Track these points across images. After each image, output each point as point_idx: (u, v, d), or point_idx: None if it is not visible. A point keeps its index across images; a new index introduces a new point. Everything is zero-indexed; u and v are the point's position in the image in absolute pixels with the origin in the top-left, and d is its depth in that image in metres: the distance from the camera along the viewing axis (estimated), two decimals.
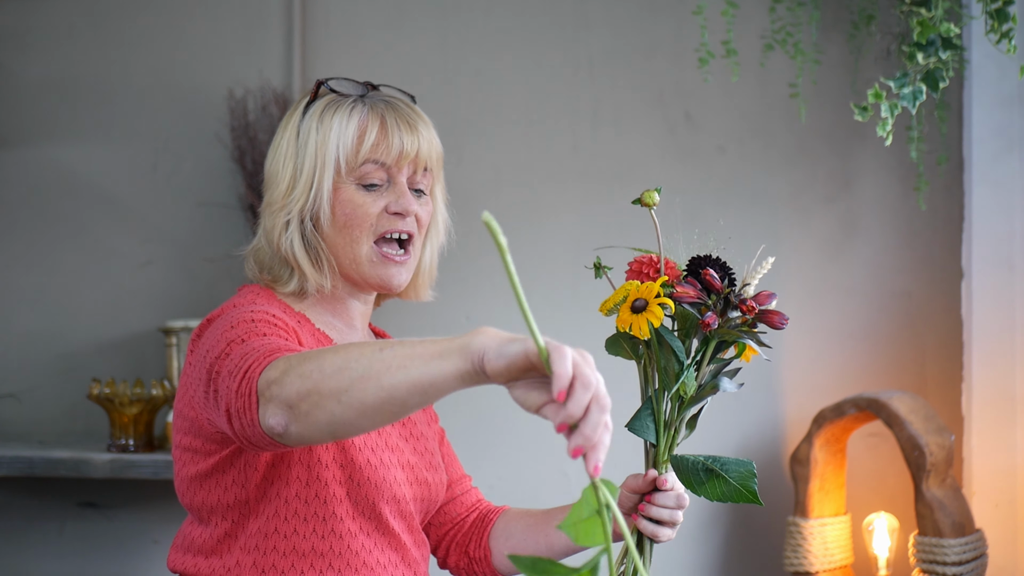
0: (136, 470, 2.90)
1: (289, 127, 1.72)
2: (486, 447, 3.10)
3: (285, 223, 1.68)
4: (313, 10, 3.22)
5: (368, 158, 1.68)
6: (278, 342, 1.47)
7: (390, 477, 1.66)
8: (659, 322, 1.53)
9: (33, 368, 3.24)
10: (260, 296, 1.69)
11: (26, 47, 3.27)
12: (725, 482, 1.58)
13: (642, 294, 1.55)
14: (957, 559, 2.73)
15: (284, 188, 1.69)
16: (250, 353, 1.44)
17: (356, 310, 1.75)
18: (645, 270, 1.61)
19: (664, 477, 1.61)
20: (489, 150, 3.18)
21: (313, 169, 1.67)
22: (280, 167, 1.70)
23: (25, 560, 3.22)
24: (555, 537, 1.80)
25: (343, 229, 1.68)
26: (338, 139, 1.67)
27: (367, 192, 1.68)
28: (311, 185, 1.67)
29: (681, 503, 1.62)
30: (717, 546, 3.12)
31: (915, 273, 3.07)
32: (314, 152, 1.67)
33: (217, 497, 1.63)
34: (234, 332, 1.52)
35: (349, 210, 1.68)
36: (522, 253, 3.17)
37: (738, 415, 3.10)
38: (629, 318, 1.55)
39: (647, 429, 1.59)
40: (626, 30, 3.15)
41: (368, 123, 1.68)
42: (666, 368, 1.57)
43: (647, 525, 1.62)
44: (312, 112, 1.70)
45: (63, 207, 3.26)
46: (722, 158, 3.13)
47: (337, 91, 1.71)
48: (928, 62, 2.38)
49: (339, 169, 1.67)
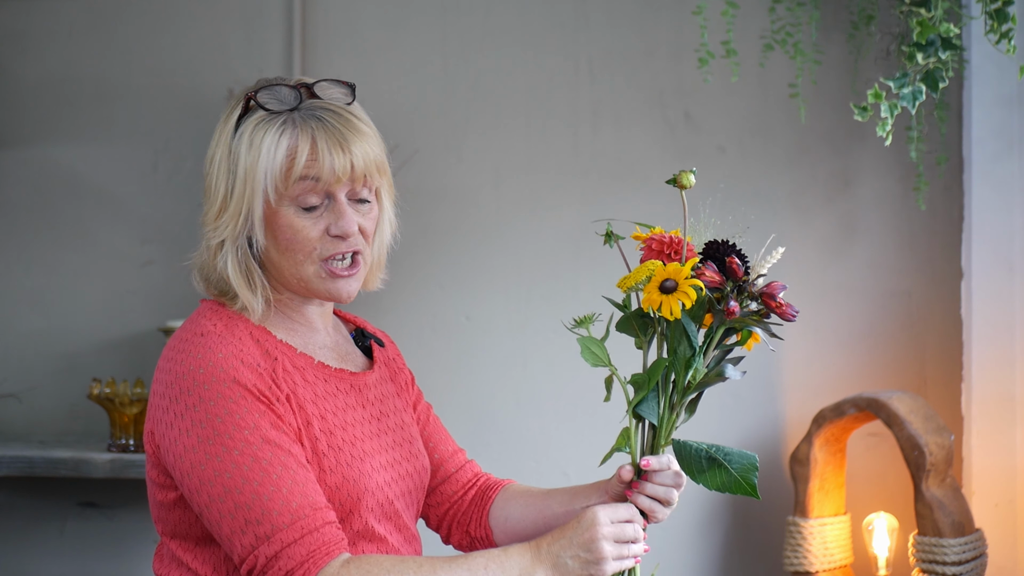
0: (136, 470, 2.90)
1: (222, 141, 1.66)
2: (486, 447, 3.10)
3: (219, 243, 1.64)
4: (313, 10, 3.22)
5: (300, 180, 1.61)
6: (301, 508, 1.53)
7: (372, 485, 1.66)
8: (690, 304, 1.51)
9: (33, 368, 3.24)
10: (221, 322, 1.64)
11: (26, 47, 3.27)
12: (726, 472, 1.58)
13: (671, 275, 1.53)
14: (957, 559, 2.73)
15: (216, 208, 1.64)
16: (286, 536, 1.52)
17: (314, 313, 1.74)
18: (666, 250, 1.59)
19: (648, 460, 1.62)
20: (489, 150, 3.19)
21: (243, 194, 1.62)
22: (213, 183, 1.65)
23: (25, 560, 3.22)
24: (552, 518, 1.80)
25: (286, 252, 1.64)
26: (267, 165, 1.61)
27: (306, 215, 1.63)
28: (241, 210, 1.62)
29: (678, 482, 1.64)
30: (717, 546, 3.12)
31: (915, 273, 3.07)
32: (244, 177, 1.62)
33: (189, 524, 1.63)
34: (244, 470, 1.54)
35: (289, 235, 1.63)
36: (522, 253, 3.17)
37: (738, 415, 3.10)
38: (658, 298, 1.52)
39: (652, 411, 1.59)
40: (626, 30, 3.15)
41: (298, 146, 1.61)
42: (677, 351, 1.56)
43: (644, 500, 1.64)
44: (243, 130, 1.64)
45: (63, 207, 3.26)
46: (722, 158, 3.13)
47: (265, 107, 1.64)
48: (928, 62, 2.38)
49: (268, 197, 1.62)
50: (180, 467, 1.57)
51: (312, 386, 1.66)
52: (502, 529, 1.85)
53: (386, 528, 1.69)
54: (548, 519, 1.80)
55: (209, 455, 1.55)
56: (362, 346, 1.82)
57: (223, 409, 1.56)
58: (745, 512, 3.11)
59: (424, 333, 3.18)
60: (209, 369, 1.57)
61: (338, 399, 1.69)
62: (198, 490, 1.56)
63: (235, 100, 1.68)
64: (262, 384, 1.59)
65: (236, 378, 1.57)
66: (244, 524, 1.53)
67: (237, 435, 1.55)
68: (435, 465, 1.88)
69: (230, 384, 1.57)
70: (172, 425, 1.58)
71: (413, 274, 3.16)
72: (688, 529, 3.10)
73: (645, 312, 1.57)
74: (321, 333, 1.75)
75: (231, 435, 1.55)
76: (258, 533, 1.52)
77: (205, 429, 1.56)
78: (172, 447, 1.58)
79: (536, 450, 3.14)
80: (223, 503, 1.54)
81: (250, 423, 1.56)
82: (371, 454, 1.68)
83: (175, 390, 1.58)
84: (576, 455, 3.11)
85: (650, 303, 1.53)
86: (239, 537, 1.53)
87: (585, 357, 1.59)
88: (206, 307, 1.69)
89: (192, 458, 1.56)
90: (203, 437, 1.55)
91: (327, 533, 1.54)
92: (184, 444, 1.57)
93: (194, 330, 1.63)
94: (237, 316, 1.67)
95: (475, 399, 3.13)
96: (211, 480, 1.55)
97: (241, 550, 1.54)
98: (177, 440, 1.57)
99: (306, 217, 1.63)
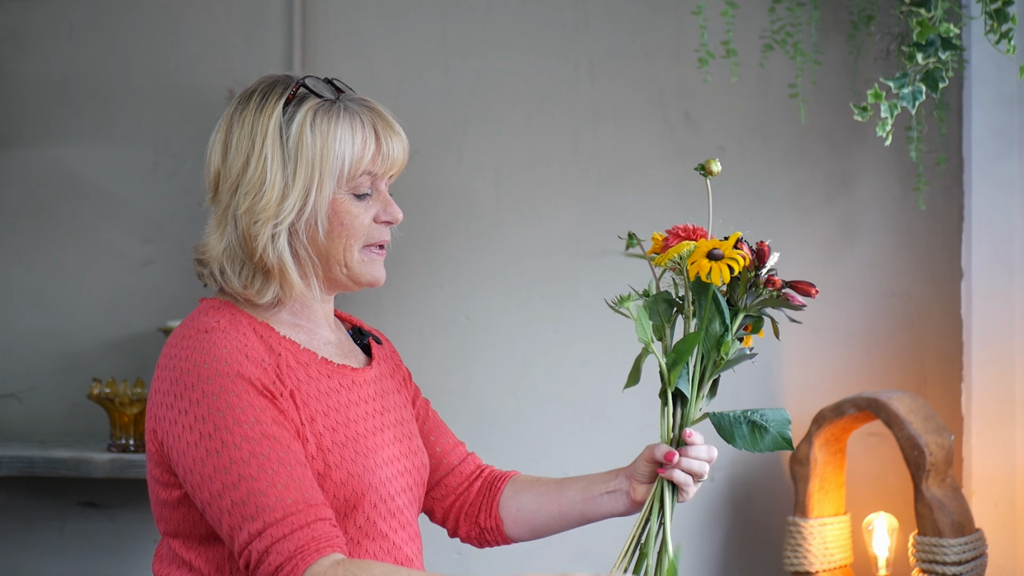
0: (136, 470, 2.90)
1: (266, 128, 1.64)
2: (486, 447, 3.10)
3: (273, 234, 1.63)
4: (313, 10, 3.22)
5: (366, 169, 1.66)
6: (295, 503, 1.53)
7: (376, 481, 1.66)
8: (739, 268, 1.58)
9: (33, 368, 3.25)
10: (224, 318, 1.64)
11: (26, 47, 3.27)
12: (765, 431, 1.65)
13: (717, 245, 1.60)
14: (957, 559, 2.74)
15: (275, 196, 1.62)
16: (276, 531, 1.52)
17: (321, 310, 1.74)
18: (692, 237, 1.65)
19: (690, 430, 1.67)
20: (489, 150, 3.19)
21: (311, 178, 1.62)
22: (265, 172, 1.62)
23: (25, 560, 3.22)
24: (568, 506, 1.81)
25: (336, 238, 1.66)
26: (343, 149, 1.63)
27: (359, 202, 1.67)
28: (307, 195, 1.63)
29: (712, 455, 1.70)
30: (717, 546, 3.12)
31: (915, 273, 3.07)
32: (311, 160, 1.62)
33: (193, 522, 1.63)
34: (241, 466, 1.54)
35: (346, 221, 1.66)
36: (522, 253, 3.17)
37: None
38: (708, 264, 1.58)
39: (686, 386, 1.65)
40: (626, 30, 3.15)
41: (366, 133, 1.66)
42: (708, 329, 1.62)
43: (680, 474, 1.67)
44: (300, 115, 1.63)
45: (63, 207, 3.26)
46: (722, 158, 3.13)
47: (321, 95, 1.66)
48: (928, 62, 2.38)
49: (340, 181, 1.64)
50: (183, 464, 1.58)
51: (315, 382, 1.67)
52: (514, 519, 1.85)
53: (389, 525, 1.69)
54: (564, 507, 1.81)
55: (209, 451, 1.55)
56: (361, 343, 1.83)
57: (225, 403, 1.56)
58: (745, 512, 3.11)
59: (424, 333, 3.18)
60: (213, 364, 1.58)
61: (341, 395, 1.69)
62: (200, 487, 1.56)
63: (263, 88, 1.67)
64: (266, 379, 1.59)
65: (240, 372, 1.58)
66: (240, 520, 1.53)
67: (237, 429, 1.55)
68: (437, 459, 1.88)
69: (233, 378, 1.57)
70: (175, 422, 1.58)
71: (413, 274, 3.16)
72: (688, 529, 3.10)
73: (668, 298, 1.64)
74: (324, 330, 1.75)
75: (231, 429, 1.55)
76: (252, 529, 1.53)
77: (206, 424, 1.56)
78: (175, 444, 1.58)
79: (536, 450, 3.14)
80: (222, 500, 1.54)
81: (251, 417, 1.56)
82: (375, 449, 1.69)
83: (179, 387, 1.58)
84: (576, 455, 3.11)
85: (699, 269, 1.59)
86: (237, 533, 1.54)
87: (639, 333, 1.64)
88: (207, 305, 1.69)
89: (194, 455, 1.56)
90: (204, 433, 1.56)
91: (318, 529, 1.53)
92: (187, 440, 1.57)
93: (197, 327, 1.63)
94: (240, 312, 1.67)
95: (475, 399, 3.13)
96: (211, 477, 1.55)
97: (238, 546, 1.54)
98: (180, 437, 1.57)
99: (359, 204, 1.67)
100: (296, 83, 1.66)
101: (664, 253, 1.62)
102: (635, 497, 1.75)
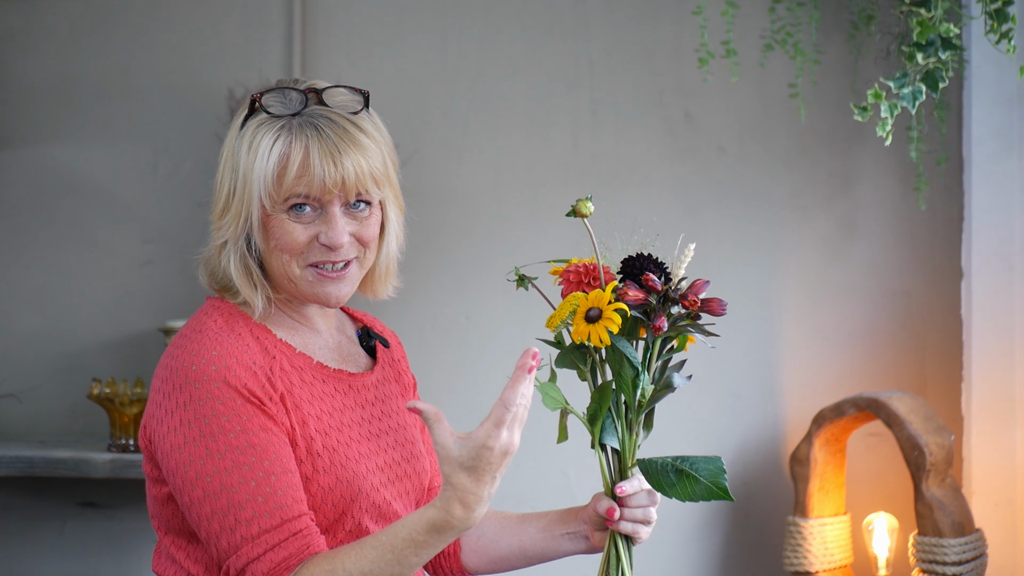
0: (136, 470, 2.90)
1: (228, 140, 1.66)
2: None
3: (222, 243, 1.65)
4: (313, 10, 3.22)
5: (291, 192, 1.61)
6: (271, 520, 1.54)
7: (366, 487, 1.65)
8: (617, 328, 1.52)
9: (33, 368, 3.24)
10: (222, 318, 1.65)
11: (26, 47, 3.27)
12: (696, 481, 1.57)
13: (593, 303, 1.53)
14: (957, 559, 2.73)
15: (220, 209, 1.65)
16: (251, 551, 1.53)
17: (314, 313, 1.73)
18: (584, 279, 1.60)
19: (622, 486, 1.63)
20: (489, 150, 3.19)
21: (242, 198, 1.62)
22: (219, 184, 1.66)
23: (25, 560, 3.22)
24: (528, 543, 1.80)
25: (273, 254, 1.64)
26: (261, 170, 1.61)
27: (297, 221, 1.62)
28: (241, 211, 1.63)
29: (653, 500, 1.65)
30: (717, 546, 3.12)
31: (915, 273, 3.07)
32: (242, 181, 1.62)
33: (182, 519, 1.63)
34: (224, 476, 1.54)
35: (279, 237, 1.62)
36: (522, 253, 3.16)
37: (738, 415, 3.10)
38: (586, 329, 1.53)
39: (613, 437, 1.60)
40: (626, 30, 3.15)
41: (290, 154, 1.60)
42: (621, 374, 1.57)
43: (626, 525, 1.64)
44: (244, 132, 1.63)
45: (63, 207, 3.26)
46: (722, 158, 3.13)
47: (268, 110, 1.63)
48: (928, 62, 2.38)
49: (263, 203, 1.62)
50: (167, 464, 1.58)
51: (309, 386, 1.66)
52: (472, 548, 1.84)
53: None
54: (525, 543, 1.80)
55: (193, 457, 1.55)
56: (366, 346, 1.82)
57: (210, 410, 1.56)
58: (745, 512, 3.11)
59: (424, 333, 3.18)
60: (201, 367, 1.57)
61: (335, 400, 1.69)
62: (181, 490, 1.57)
63: (248, 101, 1.68)
64: (254, 384, 1.59)
65: (227, 379, 1.57)
66: (219, 530, 1.54)
67: (222, 438, 1.55)
68: (433, 471, 1.87)
69: (220, 385, 1.57)
70: (162, 421, 1.59)
71: (413, 274, 3.15)
72: (688, 529, 3.10)
73: (579, 344, 1.57)
74: (323, 333, 1.75)
75: (216, 437, 1.55)
76: (231, 541, 1.54)
77: (192, 429, 1.56)
78: (161, 443, 1.59)
79: (536, 449, 3.14)
80: (202, 506, 1.55)
81: (236, 426, 1.56)
82: (367, 456, 1.68)
83: (169, 386, 1.59)
84: (575, 454, 3.11)
85: (579, 335, 1.54)
86: (215, 541, 1.55)
87: (547, 404, 1.60)
88: (210, 304, 1.69)
89: (178, 458, 1.56)
90: (189, 437, 1.56)
91: (291, 546, 1.54)
92: (171, 442, 1.57)
93: (195, 326, 1.64)
94: (239, 313, 1.67)
95: (475, 399, 3.13)
96: (193, 483, 1.55)
97: (216, 555, 1.56)
98: (165, 437, 1.58)
99: (297, 222, 1.62)
100: (252, 97, 1.65)
101: (552, 316, 1.58)
102: (594, 542, 1.74)
